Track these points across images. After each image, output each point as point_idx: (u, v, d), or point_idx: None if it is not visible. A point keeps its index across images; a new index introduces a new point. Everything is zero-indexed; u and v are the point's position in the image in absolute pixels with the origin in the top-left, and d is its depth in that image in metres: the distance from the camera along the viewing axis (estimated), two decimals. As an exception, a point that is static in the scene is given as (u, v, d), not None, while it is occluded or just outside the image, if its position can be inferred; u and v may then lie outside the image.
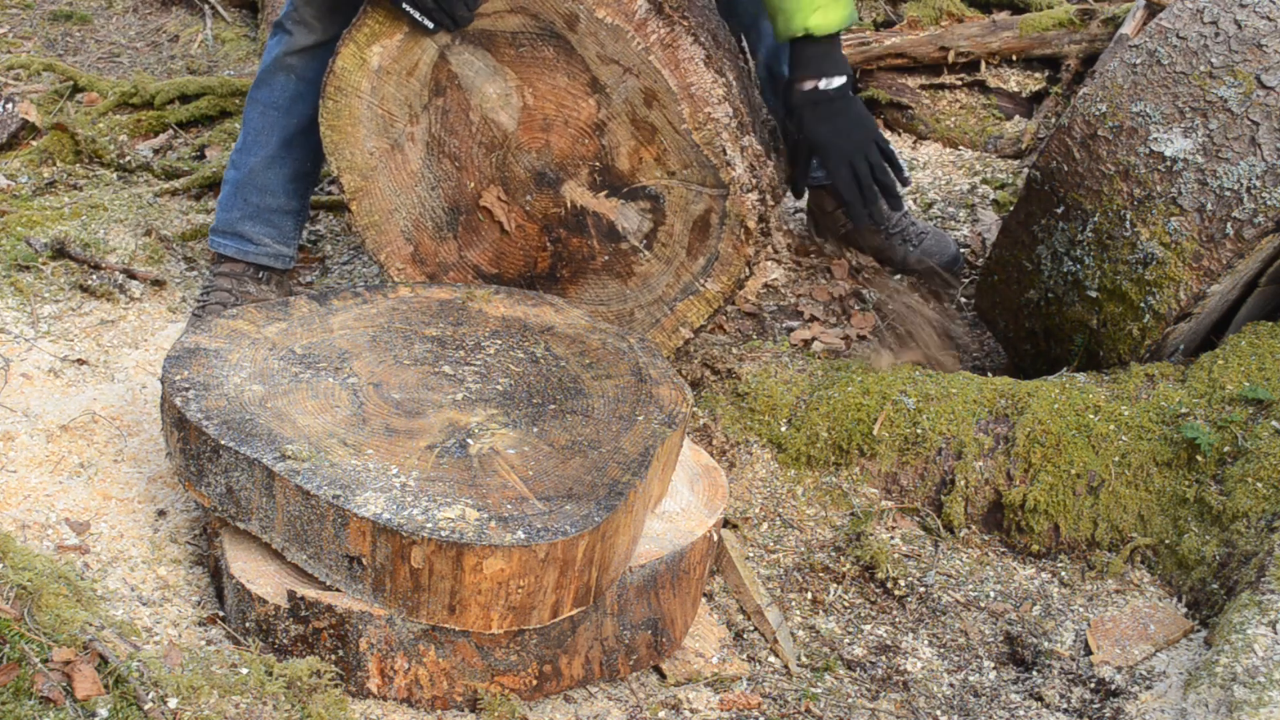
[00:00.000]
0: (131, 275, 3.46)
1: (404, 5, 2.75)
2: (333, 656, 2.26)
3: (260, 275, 3.33)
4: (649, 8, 2.71)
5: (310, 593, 2.26)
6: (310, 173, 3.33)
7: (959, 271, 3.89)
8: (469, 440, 2.38)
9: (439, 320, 2.74)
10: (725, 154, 2.77)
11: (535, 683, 2.34)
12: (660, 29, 2.71)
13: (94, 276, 3.43)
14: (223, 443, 2.30)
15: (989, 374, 3.39)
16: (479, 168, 2.89)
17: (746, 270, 2.87)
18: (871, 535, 2.86)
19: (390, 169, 2.90)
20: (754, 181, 2.80)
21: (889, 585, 2.79)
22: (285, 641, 2.28)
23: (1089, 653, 2.65)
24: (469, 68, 2.81)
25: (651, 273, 2.90)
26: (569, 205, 2.88)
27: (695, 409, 3.06)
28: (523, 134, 2.85)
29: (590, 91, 2.79)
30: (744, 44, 3.01)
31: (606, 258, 2.91)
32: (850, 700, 2.53)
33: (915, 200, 4.32)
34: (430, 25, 2.76)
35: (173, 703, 2.00)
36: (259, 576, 2.32)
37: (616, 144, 2.82)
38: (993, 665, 2.66)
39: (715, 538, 2.58)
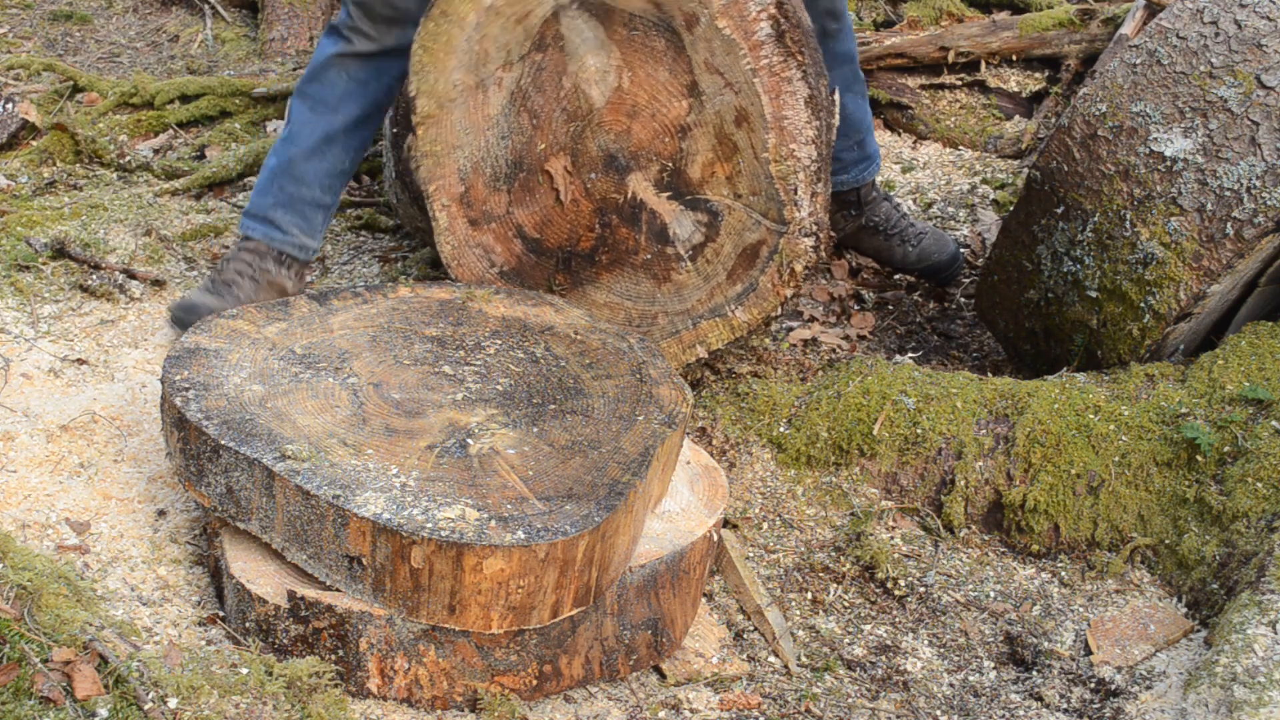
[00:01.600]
0: (131, 275, 3.46)
1: None
2: (333, 656, 2.26)
3: (283, 258, 3.35)
4: (770, 33, 2.72)
5: (310, 593, 2.25)
6: (346, 171, 3.36)
7: (959, 271, 3.89)
8: (469, 440, 2.38)
9: (439, 320, 2.74)
10: (796, 193, 2.78)
11: (535, 683, 2.34)
12: (774, 56, 2.72)
13: (94, 276, 3.43)
14: (223, 443, 2.30)
15: (989, 374, 3.39)
16: (554, 132, 2.87)
17: (778, 310, 2.87)
18: (871, 535, 2.86)
19: (469, 106, 2.87)
20: (814, 227, 2.81)
21: (889, 585, 2.79)
22: (285, 641, 2.28)
23: (1089, 653, 2.65)
24: (578, 34, 2.80)
25: (687, 284, 2.90)
26: (629, 195, 2.87)
27: (695, 409, 3.06)
28: (608, 113, 2.84)
29: (687, 94, 2.80)
30: (836, 97, 3.02)
31: (648, 256, 2.90)
32: (850, 700, 2.53)
33: (915, 200, 4.32)
34: None
35: (173, 703, 2.00)
36: (259, 576, 2.32)
37: (695, 151, 2.82)
38: (993, 665, 2.66)
39: (715, 538, 2.58)
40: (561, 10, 2.80)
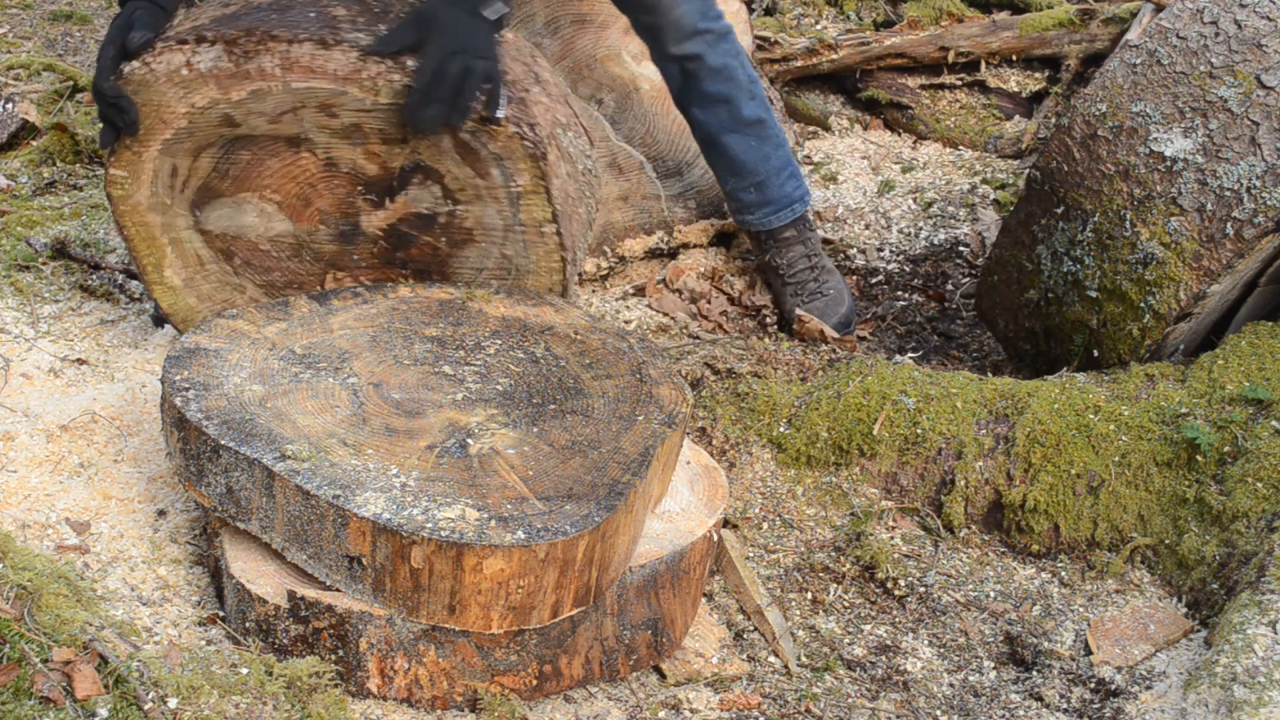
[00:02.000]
0: (131, 275, 3.46)
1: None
2: (333, 656, 2.26)
3: None
4: (230, 56, 2.72)
5: (310, 593, 2.25)
6: None
7: (847, 334, 3.69)
8: (469, 440, 2.38)
9: (439, 320, 2.74)
10: (401, 90, 2.74)
11: (535, 683, 2.34)
12: (264, 62, 2.72)
13: (94, 276, 3.43)
14: (223, 443, 2.30)
15: (989, 374, 3.39)
16: (306, 273, 2.97)
17: (529, 145, 2.78)
18: (871, 535, 2.86)
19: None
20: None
21: (889, 585, 2.79)
22: (285, 641, 2.28)
23: (1089, 653, 2.65)
24: (223, 220, 2.91)
25: (480, 216, 2.90)
26: (380, 232, 2.92)
27: (695, 409, 3.06)
28: (301, 223, 2.92)
29: (295, 149, 2.83)
30: None
31: (444, 238, 2.93)
32: (850, 700, 2.53)
33: (915, 200, 4.32)
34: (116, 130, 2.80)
35: (173, 703, 2.00)
36: (259, 576, 2.32)
37: (352, 162, 2.85)
38: (993, 665, 2.66)
39: (715, 538, 2.58)
40: (199, 227, 2.93)
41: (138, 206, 2.89)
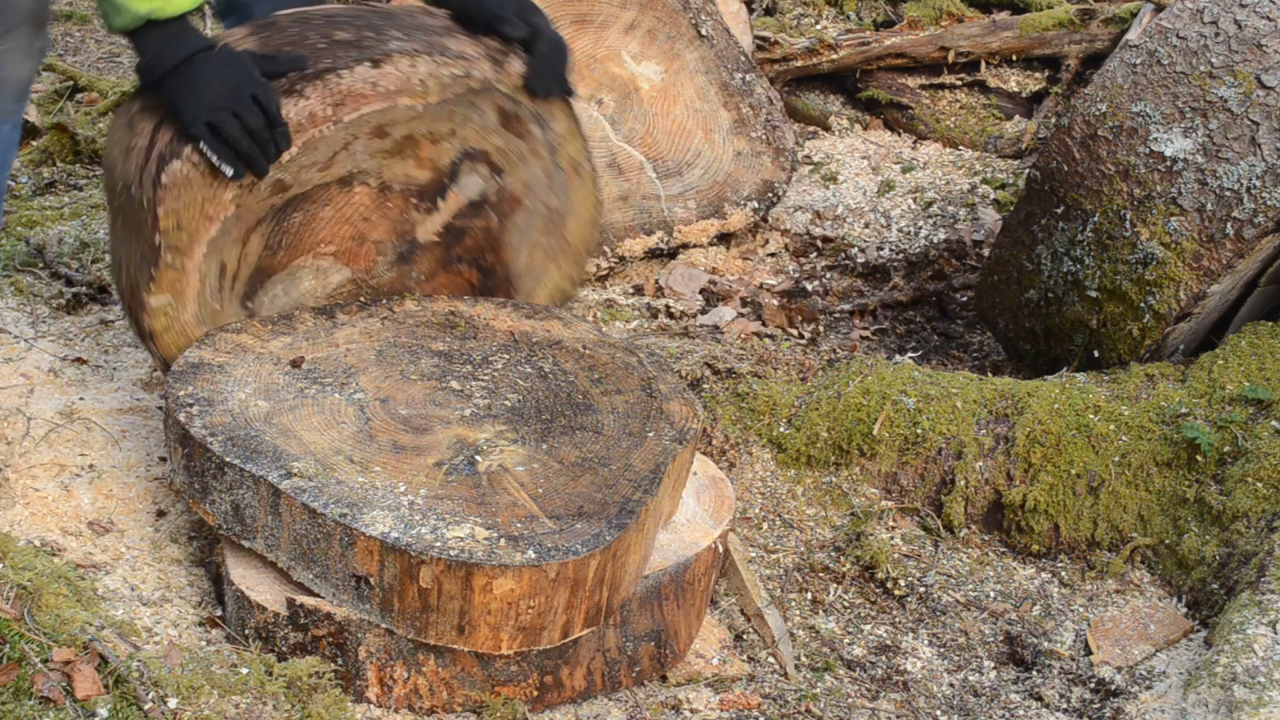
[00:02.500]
0: (104, 289, 3.43)
1: (204, 151, 2.47)
2: (332, 665, 2.24)
3: None
4: (287, 97, 2.51)
5: (309, 600, 2.23)
6: None
7: None
8: (477, 457, 2.34)
9: (445, 334, 2.71)
10: (459, 76, 2.65)
11: (536, 693, 2.30)
12: (313, 106, 2.52)
13: (72, 288, 3.40)
14: (227, 460, 2.26)
15: (989, 374, 3.39)
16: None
17: (562, 99, 2.80)
18: (871, 535, 2.86)
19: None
20: (494, 54, 2.71)
21: (889, 585, 2.79)
22: (284, 649, 2.26)
23: (1089, 653, 2.65)
24: (278, 300, 2.74)
25: (525, 177, 2.86)
26: (437, 236, 2.87)
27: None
28: (358, 264, 2.82)
29: (348, 187, 2.72)
30: None
31: (495, 215, 2.89)
32: (850, 700, 2.53)
33: (915, 200, 4.32)
34: (229, 171, 2.49)
35: (173, 703, 2.00)
36: (259, 584, 2.29)
37: (405, 176, 2.77)
38: (993, 665, 2.66)
39: (721, 549, 2.55)
40: (248, 312, 2.71)
41: (185, 329, 2.59)
